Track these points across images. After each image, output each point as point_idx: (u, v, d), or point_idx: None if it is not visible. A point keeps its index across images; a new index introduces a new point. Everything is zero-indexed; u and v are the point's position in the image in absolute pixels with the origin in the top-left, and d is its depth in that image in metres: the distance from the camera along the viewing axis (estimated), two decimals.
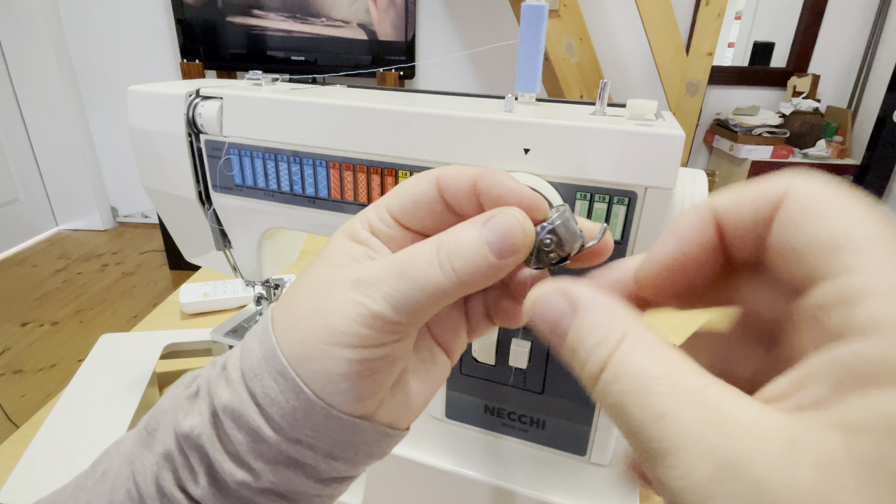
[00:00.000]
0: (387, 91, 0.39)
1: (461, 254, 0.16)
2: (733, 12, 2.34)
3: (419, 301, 0.17)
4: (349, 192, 0.34)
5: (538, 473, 0.35)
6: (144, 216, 2.71)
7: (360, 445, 0.19)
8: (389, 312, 0.17)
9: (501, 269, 0.17)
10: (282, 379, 0.17)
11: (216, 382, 0.19)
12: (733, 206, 0.14)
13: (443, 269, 0.16)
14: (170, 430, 0.19)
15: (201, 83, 0.39)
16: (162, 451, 0.18)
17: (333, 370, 0.17)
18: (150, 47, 2.38)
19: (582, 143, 0.27)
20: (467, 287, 0.17)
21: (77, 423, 0.46)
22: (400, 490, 0.38)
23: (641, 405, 0.12)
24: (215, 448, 0.18)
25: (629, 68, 2.22)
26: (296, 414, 0.17)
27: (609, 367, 0.12)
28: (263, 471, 0.18)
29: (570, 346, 0.14)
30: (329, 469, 0.19)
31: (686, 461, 0.10)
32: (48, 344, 1.71)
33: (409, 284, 0.16)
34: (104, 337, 0.58)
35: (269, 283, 0.50)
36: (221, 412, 0.18)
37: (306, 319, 0.17)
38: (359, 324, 0.17)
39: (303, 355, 0.17)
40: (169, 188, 0.41)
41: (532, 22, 0.31)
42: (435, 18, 2.23)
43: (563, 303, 0.14)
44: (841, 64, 2.17)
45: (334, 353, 0.17)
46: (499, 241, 0.16)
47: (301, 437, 0.18)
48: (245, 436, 0.18)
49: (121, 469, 0.19)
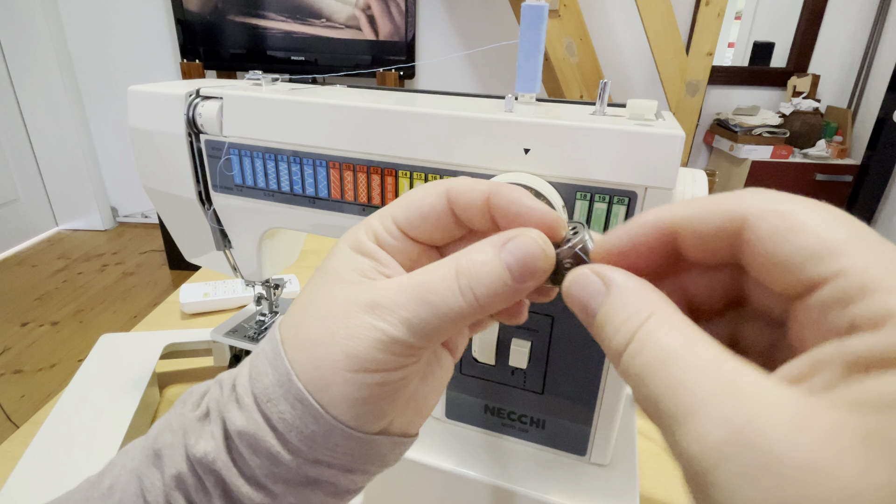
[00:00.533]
0: (387, 91, 0.39)
1: (482, 280, 0.16)
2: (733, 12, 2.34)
3: (439, 326, 0.17)
4: (349, 192, 0.34)
5: (538, 473, 0.35)
6: (144, 216, 2.72)
7: (375, 457, 0.19)
8: (409, 338, 0.17)
9: (521, 292, 0.17)
10: (299, 405, 0.17)
11: (227, 405, 0.18)
12: (693, 222, 0.14)
13: (464, 297, 0.16)
14: (180, 451, 0.18)
15: (201, 83, 0.39)
16: (173, 474, 0.18)
17: (354, 395, 0.17)
18: (150, 47, 2.38)
19: (582, 143, 0.27)
20: (487, 311, 0.17)
21: (77, 423, 0.46)
22: (400, 490, 0.38)
23: (662, 375, 0.12)
24: (231, 473, 0.18)
25: (629, 68, 2.22)
26: (315, 437, 0.17)
27: (635, 340, 0.13)
28: (282, 492, 0.18)
29: (601, 321, 0.15)
30: (347, 483, 0.19)
31: (700, 426, 0.11)
32: (48, 344, 1.71)
33: (429, 310, 0.16)
34: (104, 337, 0.58)
35: (269, 283, 0.50)
36: (236, 437, 0.18)
37: (322, 346, 0.17)
38: (378, 350, 0.17)
39: (321, 382, 0.17)
40: (169, 188, 0.41)
41: (532, 22, 0.31)
42: (435, 18, 2.23)
43: (598, 283, 0.15)
44: (841, 64, 2.17)
45: (354, 379, 0.17)
46: (520, 267, 0.16)
47: (320, 457, 0.18)
48: (262, 460, 0.18)
49: (128, 486, 0.19)
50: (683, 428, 0.11)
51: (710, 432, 0.11)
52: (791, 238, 0.12)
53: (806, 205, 0.13)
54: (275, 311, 0.53)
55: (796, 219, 0.12)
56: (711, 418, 0.11)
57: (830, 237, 0.12)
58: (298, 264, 0.52)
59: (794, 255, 0.12)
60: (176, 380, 0.58)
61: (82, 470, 0.40)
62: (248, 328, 0.51)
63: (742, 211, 0.13)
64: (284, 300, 0.56)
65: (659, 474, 0.46)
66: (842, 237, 0.12)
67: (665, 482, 0.45)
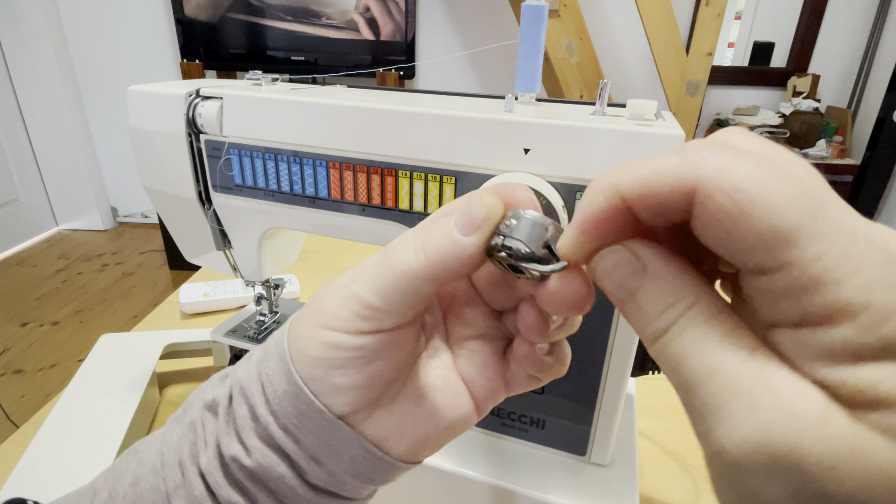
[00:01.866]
0: (387, 91, 0.39)
1: (432, 235, 0.17)
2: (733, 12, 2.34)
3: (396, 285, 0.17)
4: (349, 192, 0.34)
5: (538, 473, 0.35)
6: (144, 216, 2.71)
7: (342, 455, 0.19)
8: (369, 295, 0.18)
9: (466, 249, 0.17)
10: (280, 361, 0.19)
11: (242, 364, 0.20)
12: (641, 194, 0.13)
13: (415, 253, 0.17)
14: (199, 403, 0.20)
15: (201, 83, 0.39)
16: (188, 422, 0.20)
17: (311, 352, 0.18)
18: (150, 47, 2.38)
19: (582, 143, 0.27)
20: (437, 270, 0.17)
21: (77, 423, 0.46)
22: (400, 490, 0.38)
23: (698, 361, 0.12)
24: (223, 419, 0.19)
25: (629, 68, 2.22)
26: (286, 399, 0.18)
27: (675, 326, 0.13)
28: (253, 448, 0.19)
29: (639, 303, 0.14)
30: (313, 473, 0.19)
31: (731, 419, 0.11)
32: (48, 344, 1.71)
33: (388, 267, 0.18)
34: (104, 337, 0.58)
35: (269, 283, 0.50)
36: (235, 387, 0.19)
37: (308, 305, 0.19)
38: (340, 306, 0.18)
39: (295, 337, 0.19)
40: (169, 188, 0.41)
41: (532, 22, 0.31)
42: (435, 18, 2.23)
43: (635, 262, 0.14)
44: (841, 64, 2.17)
45: (316, 335, 0.18)
46: (462, 217, 0.17)
47: (289, 426, 0.18)
48: (246, 411, 0.19)
49: (151, 446, 0.20)
50: (715, 418, 0.11)
51: (741, 425, 0.11)
52: (740, 223, 0.11)
53: (760, 174, 0.11)
54: (275, 311, 0.53)
55: (747, 198, 0.11)
56: (742, 412, 0.11)
57: (782, 223, 0.11)
58: (298, 264, 0.52)
59: (743, 240, 0.11)
60: (176, 380, 0.58)
61: (82, 470, 0.40)
62: (248, 328, 0.51)
63: (691, 181, 0.12)
64: (284, 300, 0.56)
65: (659, 474, 0.46)
66: (793, 222, 0.11)
67: (665, 482, 0.45)
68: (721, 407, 0.11)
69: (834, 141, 2.08)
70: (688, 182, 0.12)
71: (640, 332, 0.14)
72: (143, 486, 0.19)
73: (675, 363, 0.13)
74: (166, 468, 0.19)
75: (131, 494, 0.19)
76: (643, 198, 0.13)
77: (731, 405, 0.11)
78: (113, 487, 0.20)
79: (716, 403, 0.12)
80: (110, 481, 0.20)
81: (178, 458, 0.19)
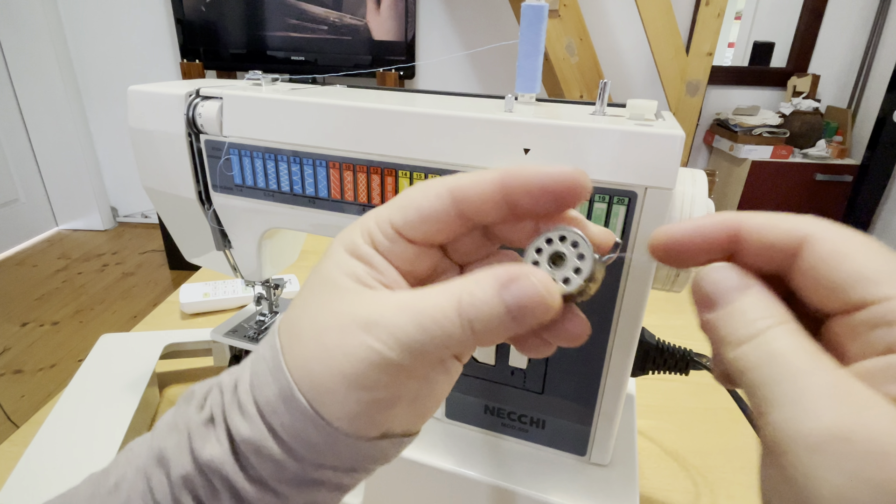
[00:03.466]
0: (387, 91, 0.39)
1: (481, 318, 0.16)
2: (733, 12, 2.34)
3: (435, 353, 0.17)
4: (349, 192, 0.34)
5: (538, 473, 0.35)
6: (144, 216, 2.72)
7: (377, 456, 0.19)
8: (405, 360, 0.17)
9: (520, 329, 0.17)
10: (302, 417, 0.17)
11: (231, 411, 0.18)
12: (759, 230, 0.16)
13: (462, 330, 0.17)
14: (186, 454, 0.18)
15: (201, 83, 0.39)
16: (181, 474, 0.18)
17: (352, 410, 0.17)
18: (150, 47, 2.38)
19: (582, 143, 0.27)
20: (483, 342, 0.17)
21: (77, 423, 0.46)
22: (400, 490, 0.38)
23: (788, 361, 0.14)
24: (238, 476, 0.18)
25: (629, 68, 2.22)
26: (318, 446, 0.18)
27: (769, 332, 0.15)
28: (289, 493, 0.18)
29: (731, 313, 0.16)
30: (351, 480, 0.19)
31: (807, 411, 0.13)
32: (48, 344, 1.71)
33: (427, 337, 0.16)
34: (104, 337, 0.58)
35: (269, 283, 0.50)
36: (242, 445, 0.18)
37: (319, 362, 0.17)
38: (373, 370, 0.17)
39: (320, 398, 0.17)
40: (169, 188, 0.41)
41: (532, 22, 0.31)
42: (435, 18, 2.23)
43: (745, 278, 0.16)
44: (841, 64, 2.17)
45: (350, 396, 0.17)
46: (519, 310, 0.17)
47: (324, 462, 0.18)
48: (269, 465, 0.18)
49: (136, 484, 0.19)
50: (798, 408, 0.13)
51: (824, 415, 0.12)
52: (847, 261, 0.14)
53: (858, 236, 0.15)
54: (275, 311, 0.53)
55: (851, 246, 0.15)
56: (826, 404, 0.13)
57: (880, 266, 0.14)
58: (298, 264, 0.53)
59: (848, 276, 0.14)
60: (176, 380, 0.58)
61: (82, 470, 0.40)
62: (248, 328, 0.51)
63: (804, 231, 0.15)
64: (284, 300, 0.56)
65: (659, 474, 0.46)
66: (888, 268, 0.14)
67: (665, 482, 0.45)
68: (805, 399, 0.13)
69: (834, 141, 2.08)
70: (800, 229, 0.16)
71: (730, 334, 0.16)
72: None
73: (760, 363, 0.14)
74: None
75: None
76: (759, 230, 0.16)
77: (818, 399, 0.13)
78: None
79: (800, 396, 0.13)
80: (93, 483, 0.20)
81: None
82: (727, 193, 2.16)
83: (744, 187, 2.03)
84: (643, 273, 0.29)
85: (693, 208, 0.28)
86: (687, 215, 0.28)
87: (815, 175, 2.01)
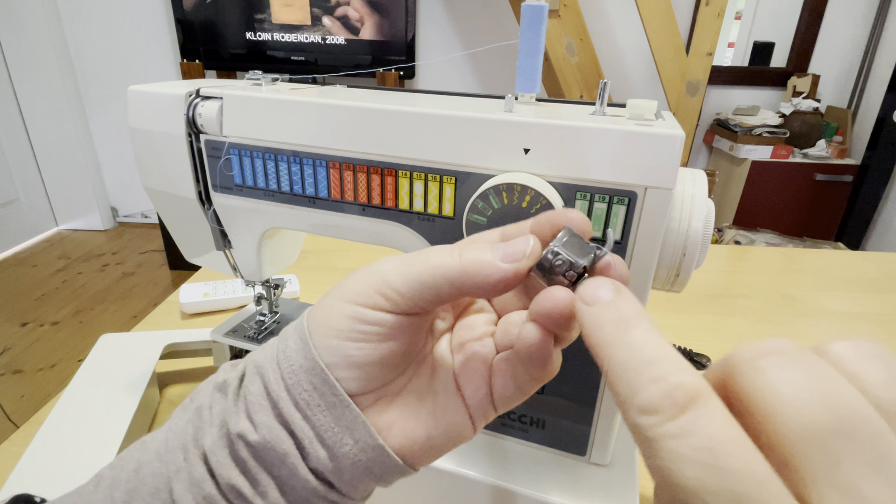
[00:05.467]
0: (387, 91, 0.39)
1: (473, 248, 0.19)
2: (733, 12, 2.34)
3: (422, 275, 0.19)
4: (349, 192, 0.34)
5: (538, 473, 0.35)
6: (144, 216, 2.72)
7: (347, 438, 0.20)
8: (394, 277, 0.19)
9: (497, 271, 0.18)
10: (298, 338, 0.20)
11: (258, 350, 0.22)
12: None
13: (450, 255, 0.19)
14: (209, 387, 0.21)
15: (201, 83, 0.39)
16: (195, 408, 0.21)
17: (331, 322, 0.19)
18: (150, 47, 2.38)
19: (582, 143, 0.27)
20: (464, 278, 0.18)
21: (77, 423, 0.46)
22: (400, 490, 0.38)
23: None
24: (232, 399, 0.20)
25: (629, 68, 2.22)
26: (301, 373, 0.19)
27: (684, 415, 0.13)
28: (261, 424, 0.19)
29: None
30: (316, 456, 0.19)
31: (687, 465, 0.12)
32: (48, 344, 1.71)
33: (420, 259, 0.19)
34: (104, 337, 0.58)
35: (269, 283, 0.50)
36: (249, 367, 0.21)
37: (334, 286, 0.21)
38: (364, 283, 0.19)
39: (317, 311, 0.20)
40: (169, 188, 0.41)
41: (532, 22, 0.31)
42: (435, 18, 2.23)
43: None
44: (841, 64, 2.17)
45: (339, 307, 0.19)
46: (507, 248, 0.19)
47: (300, 401, 0.19)
48: (259, 388, 0.20)
49: (157, 435, 0.21)
50: (672, 464, 0.12)
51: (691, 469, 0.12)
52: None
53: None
54: (275, 311, 0.53)
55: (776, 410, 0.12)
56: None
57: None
58: (298, 264, 0.52)
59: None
60: (176, 380, 0.58)
61: (82, 470, 0.40)
62: (248, 328, 0.51)
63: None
64: (284, 300, 0.56)
65: None
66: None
67: None
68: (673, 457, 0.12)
69: (834, 141, 2.08)
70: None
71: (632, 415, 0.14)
72: (146, 471, 0.20)
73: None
74: (169, 453, 0.20)
75: (133, 479, 0.19)
76: None
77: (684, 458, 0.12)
78: (117, 474, 0.20)
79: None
80: (115, 468, 0.20)
81: (182, 443, 0.20)
82: (727, 193, 2.16)
83: (744, 187, 2.04)
84: (643, 273, 0.29)
85: (693, 208, 0.28)
86: (687, 215, 0.28)
87: (815, 175, 2.01)
